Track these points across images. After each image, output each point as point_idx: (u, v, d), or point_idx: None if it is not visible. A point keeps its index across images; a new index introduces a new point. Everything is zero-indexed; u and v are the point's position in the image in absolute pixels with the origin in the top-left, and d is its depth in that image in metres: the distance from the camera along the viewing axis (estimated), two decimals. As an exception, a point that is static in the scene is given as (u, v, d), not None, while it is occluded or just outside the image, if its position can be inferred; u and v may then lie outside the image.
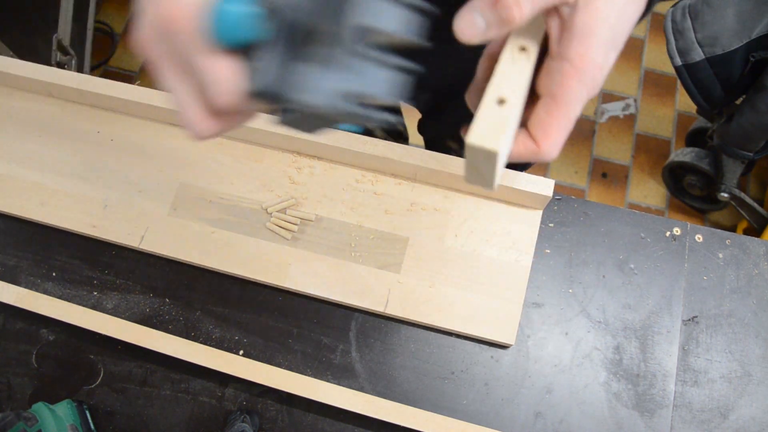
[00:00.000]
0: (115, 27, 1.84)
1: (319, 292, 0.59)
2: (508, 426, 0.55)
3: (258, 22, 0.28)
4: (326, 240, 0.61)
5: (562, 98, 0.30)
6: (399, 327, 0.59)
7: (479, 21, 0.30)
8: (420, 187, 0.62)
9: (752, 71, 0.98)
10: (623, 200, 1.58)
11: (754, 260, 0.60)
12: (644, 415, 0.55)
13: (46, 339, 0.61)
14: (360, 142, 0.60)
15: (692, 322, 0.58)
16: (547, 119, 0.31)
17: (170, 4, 0.28)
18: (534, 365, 0.57)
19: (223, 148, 0.65)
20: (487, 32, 0.30)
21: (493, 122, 0.29)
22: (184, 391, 0.58)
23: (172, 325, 0.60)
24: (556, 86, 0.30)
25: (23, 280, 0.62)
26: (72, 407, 0.56)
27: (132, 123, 0.67)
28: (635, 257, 0.60)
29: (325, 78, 0.27)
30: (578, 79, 0.30)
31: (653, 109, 1.68)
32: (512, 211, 0.61)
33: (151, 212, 0.63)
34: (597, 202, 0.62)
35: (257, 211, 0.62)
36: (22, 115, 0.68)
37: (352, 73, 0.28)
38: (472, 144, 0.29)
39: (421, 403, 0.56)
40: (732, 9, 0.95)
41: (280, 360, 0.58)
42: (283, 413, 0.57)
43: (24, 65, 0.66)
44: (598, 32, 0.29)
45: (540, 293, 0.59)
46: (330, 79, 0.27)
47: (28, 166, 0.66)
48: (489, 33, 0.30)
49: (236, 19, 0.28)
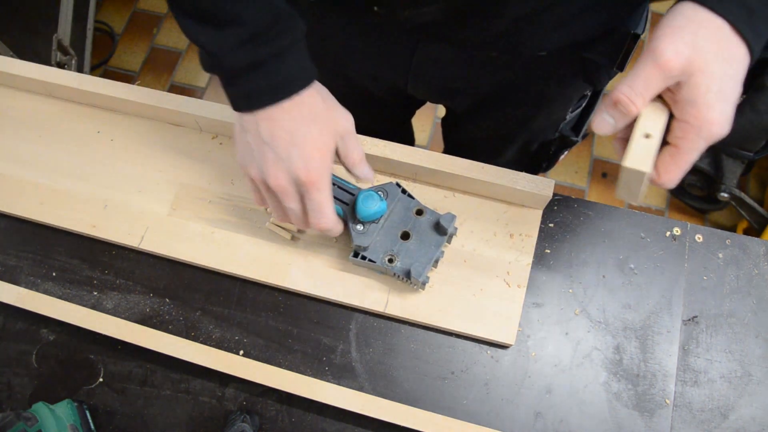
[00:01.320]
0: (115, 27, 1.84)
1: (319, 292, 0.59)
2: (508, 426, 0.55)
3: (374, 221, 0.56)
4: (326, 240, 0.61)
5: (683, 147, 0.40)
6: (399, 327, 0.59)
7: (609, 119, 0.41)
8: (420, 187, 0.62)
9: (752, 71, 0.98)
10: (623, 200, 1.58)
11: (754, 260, 0.60)
12: (644, 415, 0.55)
13: (46, 339, 0.61)
14: (360, 141, 0.60)
15: (692, 322, 0.58)
16: (670, 162, 0.40)
17: (306, 169, 0.47)
18: (534, 365, 0.57)
19: (223, 148, 0.65)
20: (617, 125, 0.41)
21: (641, 150, 0.40)
22: (184, 391, 0.58)
23: (172, 325, 0.60)
24: (679, 139, 0.40)
25: (23, 280, 0.62)
26: (72, 407, 0.56)
27: (132, 123, 0.67)
28: (635, 257, 0.60)
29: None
30: (695, 133, 0.39)
31: (653, 109, 1.67)
32: (512, 211, 0.61)
33: (151, 212, 0.63)
34: (597, 202, 0.62)
35: (257, 211, 0.62)
36: (22, 115, 0.68)
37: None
38: (627, 167, 0.40)
39: (421, 403, 0.56)
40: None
41: (280, 360, 0.58)
42: (283, 413, 0.57)
43: (24, 65, 0.66)
44: (702, 98, 0.38)
45: (540, 293, 0.59)
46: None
47: (28, 166, 0.66)
48: (618, 125, 0.41)
49: (367, 215, 0.54)
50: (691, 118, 0.39)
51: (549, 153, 0.81)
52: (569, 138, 0.77)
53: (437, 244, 0.55)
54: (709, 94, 0.38)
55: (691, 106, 0.38)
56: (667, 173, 0.41)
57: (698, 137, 0.39)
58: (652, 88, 0.39)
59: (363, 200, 0.54)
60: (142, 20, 1.86)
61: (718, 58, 0.38)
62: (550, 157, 0.82)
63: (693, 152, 0.40)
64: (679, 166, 0.40)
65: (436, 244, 0.55)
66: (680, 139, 0.40)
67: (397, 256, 0.55)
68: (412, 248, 0.55)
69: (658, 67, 0.38)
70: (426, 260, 0.55)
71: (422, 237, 0.56)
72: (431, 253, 0.55)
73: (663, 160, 0.41)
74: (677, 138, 0.40)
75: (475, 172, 0.59)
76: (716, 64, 0.38)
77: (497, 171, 0.59)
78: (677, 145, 0.40)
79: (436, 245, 0.55)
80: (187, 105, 0.63)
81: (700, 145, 0.39)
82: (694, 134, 0.39)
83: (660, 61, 0.38)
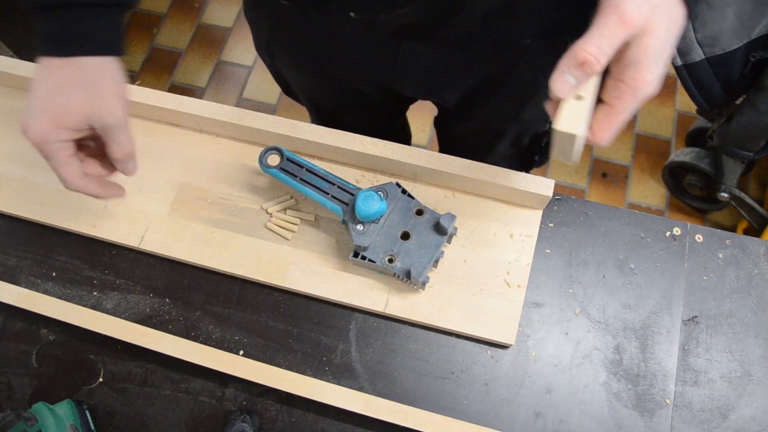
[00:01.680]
0: (115, 27, 1.84)
1: (319, 292, 0.59)
2: (508, 426, 0.55)
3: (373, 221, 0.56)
4: (326, 240, 0.61)
5: (618, 108, 0.40)
6: (399, 327, 0.59)
7: (571, 80, 0.39)
8: (420, 187, 0.62)
9: (752, 71, 0.98)
10: (623, 200, 1.58)
11: (754, 260, 0.60)
12: (644, 415, 0.55)
13: (46, 339, 0.61)
14: (360, 142, 0.61)
15: (692, 322, 0.58)
16: (605, 121, 0.40)
17: (32, 130, 0.48)
18: (534, 365, 0.57)
19: (223, 148, 0.65)
20: (579, 85, 0.40)
21: (574, 113, 0.40)
22: (184, 391, 0.58)
23: (172, 325, 0.60)
24: (615, 99, 0.40)
25: (23, 280, 0.62)
26: (72, 407, 0.56)
27: (132, 123, 0.67)
28: (635, 257, 0.60)
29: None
30: (631, 93, 0.39)
31: (653, 109, 1.67)
32: (512, 211, 0.61)
33: (151, 212, 0.63)
34: (597, 202, 0.62)
35: (257, 211, 0.62)
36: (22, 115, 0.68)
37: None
38: (559, 130, 0.40)
39: (421, 403, 0.56)
40: (732, 9, 0.95)
41: (280, 360, 0.58)
42: (283, 413, 0.57)
43: (24, 65, 0.66)
44: (646, 60, 0.38)
45: (540, 293, 0.59)
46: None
47: (28, 166, 0.66)
48: (579, 85, 0.40)
49: (367, 215, 0.54)
50: (630, 79, 0.38)
51: (541, 145, 0.81)
52: None
53: (437, 244, 0.55)
54: (652, 56, 0.38)
55: (633, 68, 0.38)
56: (602, 132, 0.41)
57: (634, 98, 0.39)
58: (616, 46, 0.38)
59: (363, 200, 0.54)
60: (142, 20, 1.86)
61: (667, 20, 0.38)
62: (542, 149, 0.82)
63: (627, 111, 0.40)
64: (613, 125, 0.40)
65: (436, 244, 0.55)
66: (616, 99, 0.40)
67: (397, 256, 0.55)
68: (412, 248, 0.55)
69: (623, 24, 0.37)
70: (426, 260, 0.55)
71: (422, 237, 0.56)
72: (431, 253, 0.55)
73: (597, 119, 0.41)
74: (613, 98, 0.40)
75: (475, 172, 0.59)
76: (664, 25, 0.38)
77: (497, 171, 0.59)
78: (612, 104, 0.40)
79: (436, 245, 0.55)
80: (187, 105, 0.63)
81: (635, 105, 0.39)
82: (630, 95, 0.39)
83: (625, 17, 0.37)
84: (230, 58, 1.79)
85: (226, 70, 1.78)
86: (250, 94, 1.74)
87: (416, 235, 0.56)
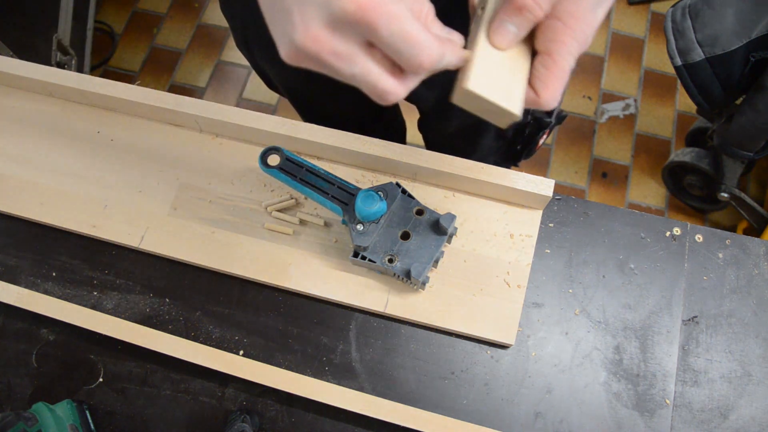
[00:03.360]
0: (115, 27, 1.84)
1: (319, 292, 0.59)
2: (508, 426, 0.55)
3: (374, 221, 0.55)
4: (326, 240, 0.61)
5: (557, 53, 0.34)
6: (399, 327, 0.59)
7: (511, 28, 0.34)
8: (420, 187, 0.62)
9: (752, 71, 0.98)
10: (623, 200, 1.58)
11: (754, 260, 0.60)
12: (644, 415, 0.55)
13: (46, 339, 0.61)
14: (360, 142, 0.60)
15: (692, 322, 0.58)
16: (545, 73, 0.34)
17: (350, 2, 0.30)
18: (534, 365, 0.57)
19: (223, 148, 0.65)
20: (519, 34, 0.34)
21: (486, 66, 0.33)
22: (184, 391, 0.58)
23: (172, 325, 0.60)
24: (551, 42, 0.34)
25: (23, 280, 0.62)
26: (72, 407, 0.56)
27: (132, 123, 0.67)
28: (635, 257, 0.60)
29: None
30: (570, 35, 0.33)
31: (653, 109, 1.67)
32: (512, 211, 0.61)
33: (151, 212, 0.63)
34: (597, 202, 0.62)
35: (257, 211, 0.62)
36: (22, 115, 0.68)
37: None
38: (468, 89, 0.33)
39: (421, 403, 0.56)
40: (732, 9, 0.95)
41: (280, 360, 0.58)
42: (283, 413, 0.57)
43: (24, 65, 0.66)
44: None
45: (540, 293, 0.59)
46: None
47: (28, 166, 0.66)
48: (520, 35, 0.34)
49: (367, 215, 0.54)
50: (566, 15, 0.34)
51: (524, 136, 0.80)
52: (543, 119, 0.76)
53: (437, 244, 0.55)
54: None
55: (570, 3, 0.33)
56: (546, 88, 0.35)
57: (573, 39, 0.34)
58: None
59: (362, 200, 0.54)
60: (142, 20, 1.86)
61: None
62: (526, 140, 0.81)
63: (569, 58, 0.34)
64: (556, 76, 0.35)
65: (436, 244, 0.55)
66: (553, 42, 0.34)
67: (397, 256, 0.55)
68: (412, 248, 0.56)
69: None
70: (426, 260, 0.55)
71: (422, 237, 0.56)
72: (431, 253, 0.55)
73: (537, 74, 0.35)
74: (549, 42, 0.34)
75: (475, 172, 0.59)
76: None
77: (497, 171, 0.59)
78: (550, 51, 0.34)
79: (436, 245, 0.55)
80: (187, 105, 0.63)
81: (575, 49, 0.34)
82: (569, 36, 0.34)
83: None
84: (230, 58, 1.79)
85: (226, 70, 1.78)
86: (250, 94, 1.74)
87: (416, 235, 0.56)
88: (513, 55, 0.35)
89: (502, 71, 0.34)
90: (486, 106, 0.34)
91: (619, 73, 1.72)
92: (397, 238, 0.56)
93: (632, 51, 1.75)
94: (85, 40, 1.61)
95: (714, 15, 0.96)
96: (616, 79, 1.72)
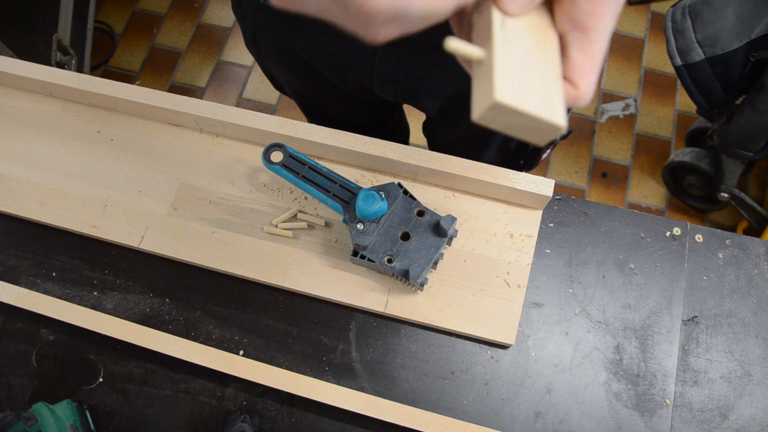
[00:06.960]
0: (115, 27, 1.84)
1: (319, 292, 0.59)
2: (508, 426, 0.55)
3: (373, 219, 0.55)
4: (326, 240, 0.61)
5: (593, 29, 0.28)
6: (399, 327, 0.59)
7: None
8: (420, 187, 0.62)
9: (752, 71, 0.98)
10: (623, 200, 1.58)
11: (754, 260, 0.60)
12: (644, 415, 0.55)
13: (46, 339, 0.61)
14: (360, 142, 0.61)
15: (692, 322, 0.58)
16: (581, 57, 0.28)
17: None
18: (534, 365, 0.57)
19: (223, 148, 0.65)
20: (534, 1, 0.28)
21: (515, 67, 0.26)
22: (184, 391, 0.58)
23: (172, 325, 0.60)
24: (586, 16, 0.28)
25: (23, 280, 0.62)
26: (72, 407, 0.56)
27: (132, 123, 0.67)
28: (635, 257, 0.60)
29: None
30: (605, 5, 0.27)
31: (653, 109, 1.68)
32: (512, 211, 0.61)
33: (151, 212, 0.63)
34: (597, 202, 0.62)
35: (257, 211, 0.62)
36: (22, 115, 0.68)
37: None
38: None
39: (421, 403, 0.56)
40: (732, 9, 0.95)
41: (280, 360, 0.58)
42: (283, 413, 0.57)
43: (24, 65, 0.66)
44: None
45: (540, 293, 0.59)
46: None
47: (28, 166, 0.66)
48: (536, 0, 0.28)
49: (367, 214, 0.54)
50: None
51: (528, 151, 0.80)
52: None
53: (437, 245, 0.55)
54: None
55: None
56: (585, 77, 0.28)
57: (606, 7, 0.28)
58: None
59: (363, 199, 0.54)
60: (142, 20, 1.86)
61: None
62: (529, 155, 0.81)
63: (606, 36, 0.28)
64: (596, 60, 0.28)
65: (435, 245, 0.55)
66: (586, 16, 0.28)
67: (397, 256, 0.55)
68: (412, 249, 0.56)
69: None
70: (425, 261, 0.55)
71: (422, 238, 0.56)
72: (431, 255, 0.55)
73: (572, 59, 0.28)
74: (584, 15, 0.28)
75: (475, 172, 0.59)
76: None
77: (497, 171, 0.59)
78: (584, 26, 0.28)
79: (435, 247, 0.55)
80: (187, 105, 0.63)
81: (611, 20, 0.28)
82: (605, 6, 0.27)
83: None
84: (230, 58, 1.79)
85: (226, 70, 1.78)
86: (250, 94, 1.74)
87: (416, 236, 0.56)
88: (538, 44, 0.27)
89: (531, 69, 0.26)
90: (520, 120, 0.26)
91: (619, 73, 1.72)
92: (397, 238, 0.56)
93: (632, 51, 1.75)
94: (85, 40, 1.61)
95: (714, 15, 0.96)
96: (616, 79, 1.72)
